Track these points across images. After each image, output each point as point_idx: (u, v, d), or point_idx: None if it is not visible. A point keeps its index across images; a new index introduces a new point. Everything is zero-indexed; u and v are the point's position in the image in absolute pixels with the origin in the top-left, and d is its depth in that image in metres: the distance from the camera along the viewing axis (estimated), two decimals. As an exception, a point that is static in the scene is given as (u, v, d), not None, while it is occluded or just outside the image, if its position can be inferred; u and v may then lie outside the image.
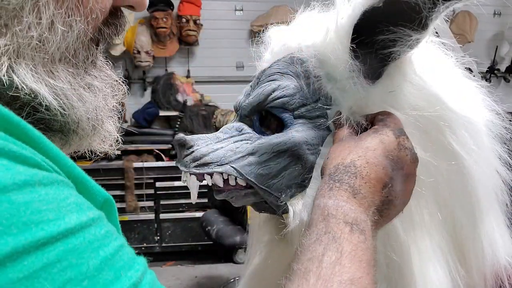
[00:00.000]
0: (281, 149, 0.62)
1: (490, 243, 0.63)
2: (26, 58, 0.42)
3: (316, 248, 0.47)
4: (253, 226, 0.78)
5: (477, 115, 0.63)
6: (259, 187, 0.63)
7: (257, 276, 0.74)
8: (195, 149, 0.63)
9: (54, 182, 0.36)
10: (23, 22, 0.40)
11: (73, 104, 0.45)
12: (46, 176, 0.35)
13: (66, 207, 0.35)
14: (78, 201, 0.37)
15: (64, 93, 0.44)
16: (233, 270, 3.63)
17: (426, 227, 0.60)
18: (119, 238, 0.39)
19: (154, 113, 4.22)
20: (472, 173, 0.61)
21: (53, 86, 0.43)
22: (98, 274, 0.34)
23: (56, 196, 0.35)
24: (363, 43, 0.59)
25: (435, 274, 0.59)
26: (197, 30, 4.32)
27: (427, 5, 0.52)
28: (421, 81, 0.60)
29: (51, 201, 0.34)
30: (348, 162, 0.53)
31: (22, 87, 0.41)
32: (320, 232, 0.48)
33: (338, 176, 0.52)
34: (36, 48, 0.42)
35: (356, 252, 0.47)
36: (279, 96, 0.62)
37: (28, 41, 0.41)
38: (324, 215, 0.50)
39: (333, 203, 0.50)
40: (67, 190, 0.36)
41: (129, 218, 3.89)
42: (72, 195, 0.37)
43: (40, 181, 0.34)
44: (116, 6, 0.50)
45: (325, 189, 0.52)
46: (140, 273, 0.38)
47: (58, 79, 0.44)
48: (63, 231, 0.33)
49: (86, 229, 0.35)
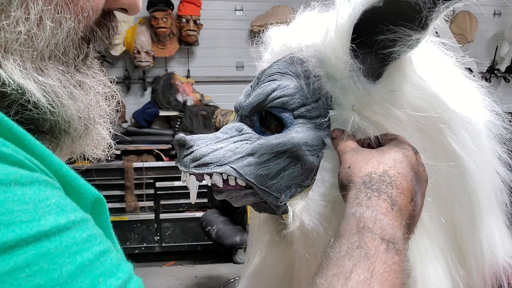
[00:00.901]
0: (280, 150, 0.62)
1: (489, 243, 0.63)
2: (14, 54, 0.41)
3: (345, 263, 0.43)
4: (253, 226, 0.78)
5: (477, 115, 0.63)
6: (259, 188, 0.63)
7: (257, 276, 0.74)
8: (195, 149, 0.63)
9: (35, 181, 0.34)
10: (10, 17, 0.40)
11: (63, 102, 0.44)
12: (25, 175, 0.33)
13: (45, 208, 0.33)
14: (60, 202, 0.35)
15: (54, 90, 0.43)
16: (233, 270, 3.63)
17: (426, 227, 0.60)
18: (103, 243, 0.37)
19: (154, 113, 4.21)
20: (471, 173, 0.61)
21: (42, 83, 0.42)
22: (72, 281, 0.32)
23: (34, 196, 0.33)
24: (363, 43, 0.58)
25: (435, 274, 0.58)
26: (197, 30, 4.31)
27: (427, 4, 0.52)
28: (421, 81, 0.60)
29: (27, 201, 0.32)
30: (381, 171, 0.51)
31: (9, 82, 0.40)
32: (352, 246, 0.45)
33: (375, 185, 0.49)
34: (24, 43, 0.41)
35: (389, 274, 0.43)
36: (279, 96, 0.62)
37: (16, 36, 0.40)
38: (359, 227, 0.46)
39: (371, 215, 0.47)
40: (49, 191, 0.35)
41: (129, 218, 3.89)
42: (55, 196, 0.35)
43: (17, 180, 0.33)
44: (109, 9, 0.49)
45: (362, 198, 0.49)
46: (122, 282, 0.36)
47: (48, 76, 0.43)
48: (35, 233, 0.31)
49: (64, 232, 0.33)
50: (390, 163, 0.52)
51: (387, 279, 0.42)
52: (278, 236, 0.68)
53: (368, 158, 0.54)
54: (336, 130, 0.61)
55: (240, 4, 4.56)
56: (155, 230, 3.98)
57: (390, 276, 0.43)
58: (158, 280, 3.55)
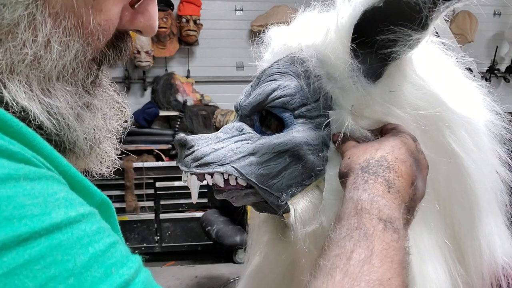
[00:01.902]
0: (281, 149, 0.62)
1: (488, 243, 0.63)
2: (19, 75, 0.40)
3: (345, 244, 0.45)
4: (253, 226, 0.78)
5: (477, 115, 0.63)
6: (260, 187, 0.63)
7: (257, 276, 0.74)
8: (195, 149, 0.63)
9: (43, 177, 0.34)
10: (17, 39, 0.39)
11: (69, 124, 0.44)
12: (33, 171, 0.34)
13: (54, 202, 0.34)
14: (68, 196, 0.35)
15: (60, 112, 0.43)
16: (233, 270, 3.63)
17: (425, 226, 0.60)
18: (112, 235, 0.38)
19: (154, 113, 4.21)
20: (471, 173, 0.61)
21: (47, 104, 0.42)
22: (86, 271, 0.33)
23: (44, 190, 0.33)
24: (363, 43, 0.59)
25: (434, 273, 0.59)
26: (197, 30, 4.31)
27: (427, 4, 0.52)
28: (421, 81, 0.60)
29: (37, 195, 0.33)
30: (379, 157, 0.52)
31: (12, 104, 0.39)
32: (351, 227, 0.46)
33: (372, 169, 0.51)
34: (30, 65, 0.40)
35: (388, 251, 0.44)
36: (279, 96, 0.62)
37: (23, 57, 0.40)
38: (357, 209, 0.48)
39: (368, 197, 0.48)
40: (56, 186, 0.35)
41: (129, 218, 3.89)
42: (63, 190, 0.35)
43: (26, 175, 0.33)
44: (122, 30, 0.48)
45: (359, 182, 0.50)
46: (133, 271, 0.37)
47: (55, 98, 0.42)
48: (48, 226, 0.32)
49: (75, 224, 0.34)
50: (388, 149, 0.53)
51: (386, 256, 0.44)
52: (280, 235, 0.68)
53: (367, 147, 0.55)
54: (336, 134, 0.61)
55: (240, 4, 4.56)
56: (155, 230, 3.99)
57: (389, 253, 0.44)
58: (158, 280, 3.48)
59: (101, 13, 0.43)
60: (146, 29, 0.49)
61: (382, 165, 0.51)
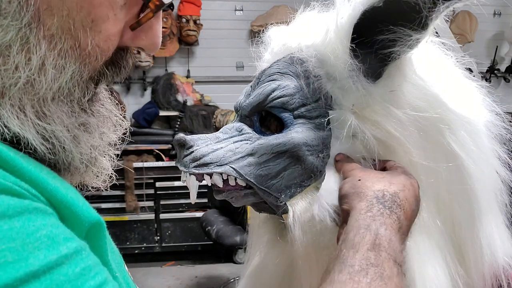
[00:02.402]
0: (280, 150, 0.62)
1: (489, 243, 0.63)
2: (11, 99, 0.38)
3: (360, 280, 0.44)
4: (253, 226, 0.78)
5: (477, 115, 0.63)
6: (259, 188, 0.63)
7: (257, 276, 0.74)
8: (194, 149, 0.63)
9: (24, 211, 0.32)
10: (9, 62, 0.37)
11: (65, 147, 0.41)
12: (12, 206, 0.31)
13: (34, 243, 0.31)
14: (52, 232, 0.32)
15: (56, 135, 0.40)
16: (233, 270, 3.63)
17: (425, 227, 0.60)
18: (99, 274, 0.34)
19: (154, 113, 4.21)
20: (471, 173, 0.61)
21: (42, 128, 0.39)
22: None
23: (23, 230, 0.31)
24: (363, 43, 0.58)
25: (434, 274, 0.58)
26: (197, 30, 4.31)
27: (427, 4, 0.52)
28: (421, 81, 0.60)
29: (14, 237, 0.30)
30: (393, 191, 0.52)
31: (3, 131, 0.37)
32: (368, 262, 0.45)
33: (388, 203, 0.50)
34: (23, 88, 0.38)
35: None
36: (279, 96, 0.62)
37: (15, 81, 0.37)
38: (375, 244, 0.47)
39: (385, 233, 0.48)
40: (40, 220, 0.32)
41: (129, 218, 3.88)
42: (46, 225, 0.32)
43: (4, 213, 0.30)
44: (123, 46, 0.45)
45: (375, 213, 0.49)
46: None
47: (50, 120, 0.40)
48: (23, 276, 0.29)
49: (56, 269, 0.31)
50: (401, 186, 0.53)
51: None
52: (278, 236, 0.68)
53: (380, 177, 0.54)
54: (341, 154, 0.61)
55: (240, 4, 4.56)
56: (155, 230, 3.98)
57: None
58: (158, 280, 3.55)
59: (100, 34, 0.41)
60: (148, 47, 0.47)
61: (395, 201, 0.51)
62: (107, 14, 0.40)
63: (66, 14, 0.38)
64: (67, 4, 0.38)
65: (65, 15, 0.38)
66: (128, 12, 0.43)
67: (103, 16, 0.40)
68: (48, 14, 0.38)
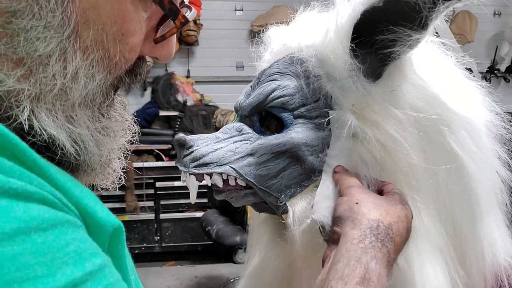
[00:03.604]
0: (280, 150, 0.62)
1: (490, 243, 0.63)
2: (47, 103, 0.41)
3: None
4: (253, 226, 0.78)
5: (477, 115, 0.63)
6: (258, 188, 0.63)
7: (257, 276, 0.74)
8: (194, 149, 0.63)
9: (57, 224, 0.33)
10: (48, 70, 0.40)
11: (89, 149, 0.44)
12: (46, 219, 0.32)
13: (63, 258, 0.32)
14: (80, 247, 0.34)
15: (82, 139, 0.43)
16: (233, 270, 3.63)
17: (425, 227, 0.60)
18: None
19: (154, 113, 4.21)
20: (471, 173, 0.61)
21: (71, 131, 0.42)
22: None
23: (54, 244, 0.32)
24: (363, 42, 0.58)
25: (434, 275, 0.58)
26: (197, 30, 4.31)
27: (427, 4, 0.52)
28: (421, 81, 0.60)
29: (46, 252, 0.31)
30: (387, 223, 0.52)
31: (41, 133, 0.40)
32: None
33: (381, 235, 0.51)
34: (58, 94, 0.41)
35: None
36: (279, 96, 0.62)
37: (51, 88, 0.40)
38: (365, 278, 0.47)
39: (376, 268, 0.48)
40: (70, 233, 0.34)
41: (129, 218, 3.89)
42: (75, 239, 0.34)
43: (39, 226, 0.32)
44: (140, 56, 0.48)
45: (367, 244, 0.50)
46: None
47: (78, 124, 0.43)
48: None
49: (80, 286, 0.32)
50: (396, 218, 0.53)
51: None
52: (278, 236, 0.68)
53: (378, 204, 0.54)
54: (340, 166, 0.61)
55: (240, 4, 4.56)
56: (155, 230, 3.99)
57: None
58: (158, 280, 3.55)
59: (127, 46, 0.44)
60: (164, 57, 0.50)
61: (388, 234, 0.51)
62: (135, 28, 0.44)
63: (101, 28, 0.41)
64: (103, 19, 0.41)
65: (100, 29, 0.41)
66: (148, 25, 0.46)
67: (132, 30, 0.44)
68: (85, 27, 0.41)
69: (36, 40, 0.38)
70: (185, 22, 0.46)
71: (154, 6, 0.45)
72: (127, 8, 0.42)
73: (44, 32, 0.39)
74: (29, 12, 0.38)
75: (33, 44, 0.38)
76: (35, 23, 0.38)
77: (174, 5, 0.45)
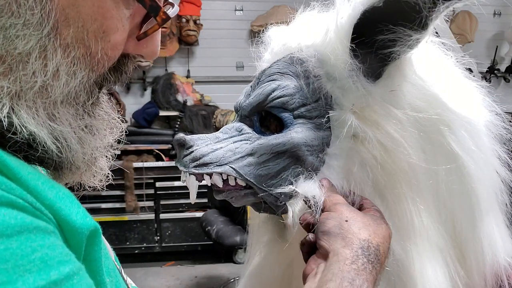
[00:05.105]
0: (280, 150, 0.62)
1: (490, 243, 0.63)
2: (27, 101, 0.40)
3: None
4: (253, 226, 0.78)
5: (477, 115, 0.63)
6: (258, 188, 0.63)
7: (257, 276, 0.74)
8: (194, 149, 0.63)
9: (24, 230, 0.32)
10: (28, 68, 0.40)
11: (72, 147, 0.44)
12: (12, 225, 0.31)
13: (26, 266, 0.31)
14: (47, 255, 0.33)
15: (64, 136, 0.43)
16: (233, 270, 3.63)
17: (425, 227, 0.60)
18: None
19: (154, 113, 4.21)
20: (471, 173, 0.61)
21: (53, 129, 0.42)
22: None
23: (18, 251, 0.31)
24: (363, 42, 0.58)
25: (434, 275, 0.58)
26: (197, 30, 4.31)
27: (427, 4, 0.52)
28: (421, 81, 0.60)
29: (8, 258, 0.30)
30: (376, 244, 0.52)
31: (21, 130, 0.39)
32: None
33: (371, 256, 0.51)
34: (38, 92, 0.41)
35: None
36: (278, 96, 0.62)
37: (32, 85, 0.40)
38: None
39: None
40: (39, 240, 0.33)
41: (129, 218, 3.88)
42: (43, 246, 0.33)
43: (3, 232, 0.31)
44: (125, 53, 0.48)
45: (359, 266, 0.50)
46: None
47: (59, 122, 0.43)
48: None
49: None
50: (381, 239, 0.53)
51: None
52: (278, 236, 0.68)
53: (366, 222, 0.54)
54: (327, 180, 0.61)
55: (240, 4, 4.56)
56: (155, 230, 3.98)
57: None
58: (158, 280, 3.55)
59: (109, 43, 0.43)
60: (148, 54, 0.50)
61: (377, 255, 0.52)
62: (116, 25, 0.43)
63: (81, 26, 0.41)
64: (83, 17, 0.41)
65: (80, 26, 0.41)
66: (131, 22, 0.46)
67: (113, 27, 0.43)
68: (65, 25, 0.40)
69: (15, 38, 0.38)
70: (167, 19, 0.46)
71: (136, 4, 0.45)
72: (107, 5, 0.42)
73: (23, 30, 0.38)
74: (7, 10, 0.38)
75: (13, 42, 0.38)
76: (14, 21, 0.38)
77: (154, 2, 0.45)
